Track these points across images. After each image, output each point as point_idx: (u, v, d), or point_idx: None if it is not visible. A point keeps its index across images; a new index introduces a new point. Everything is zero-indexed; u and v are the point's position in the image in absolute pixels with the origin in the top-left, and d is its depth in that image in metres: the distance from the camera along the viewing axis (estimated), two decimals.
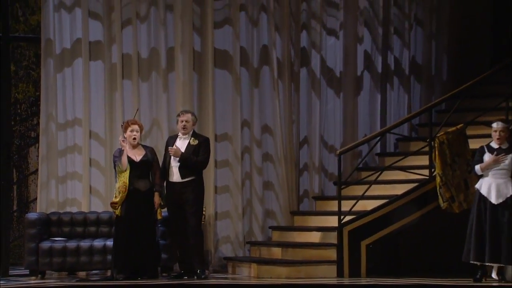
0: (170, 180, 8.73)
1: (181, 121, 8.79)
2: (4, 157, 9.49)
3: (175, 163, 8.72)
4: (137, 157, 8.63)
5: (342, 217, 8.96)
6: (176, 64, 9.66)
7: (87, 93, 9.52)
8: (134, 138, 8.62)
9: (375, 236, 8.96)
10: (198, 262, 8.73)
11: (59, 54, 9.54)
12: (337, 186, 9.25)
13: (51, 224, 9.20)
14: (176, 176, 8.70)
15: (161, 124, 9.62)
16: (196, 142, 8.77)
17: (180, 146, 8.76)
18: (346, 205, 9.00)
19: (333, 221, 9.04)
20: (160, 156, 8.89)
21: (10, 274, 9.35)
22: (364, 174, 9.60)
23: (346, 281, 8.62)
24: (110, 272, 8.77)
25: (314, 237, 9.16)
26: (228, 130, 9.76)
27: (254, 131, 9.82)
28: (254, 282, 8.59)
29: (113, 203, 8.58)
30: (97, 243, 8.94)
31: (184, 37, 9.64)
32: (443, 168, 8.76)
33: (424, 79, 10.55)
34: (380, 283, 8.33)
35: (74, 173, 9.50)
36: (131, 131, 8.63)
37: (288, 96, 9.88)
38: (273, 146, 9.84)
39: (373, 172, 9.37)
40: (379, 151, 10.15)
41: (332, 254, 8.89)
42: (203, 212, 8.92)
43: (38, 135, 9.80)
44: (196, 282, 8.48)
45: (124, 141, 8.60)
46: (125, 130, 8.68)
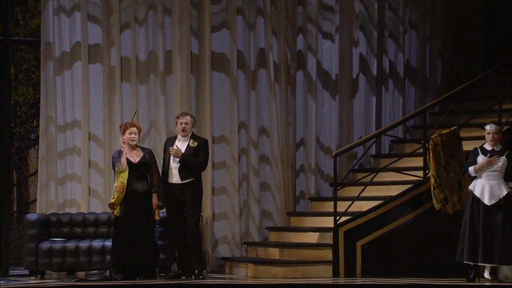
0: (169, 181, 8.72)
1: (181, 123, 8.79)
2: (4, 159, 9.48)
3: (174, 164, 8.71)
4: (135, 158, 8.63)
5: (337, 217, 8.96)
6: (174, 67, 9.66)
7: (86, 95, 9.52)
8: (133, 140, 8.62)
9: (370, 236, 8.97)
10: (196, 262, 8.72)
11: (59, 57, 9.54)
12: (333, 187, 9.26)
13: (50, 225, 9.19)
14: (175, 177, 8.70)
15: (159, 126, 9.62)
16: (196, 144, 8.77)
17: (180, 148, 8.75)
18: (341, 206, 9.00)
19: (329, 222, 9.04)
20: (158, 158, 8.88)
21: (10, 274, 9.34)
22: (359, 175, 9.61)
23: (342, 281, 8.62)
24: (108, 272, 8.77)
25: (310, 237, 9.15)
26: (225, 132, 9.76)
27: (251, 133, 9.83)
28: (251, 282, 8.59)
29: (111, 204, 8.57)
30: (96, 244, 8.93)
31: (182, 40, 9.64)
32: (437, 170, 8.77)
33: (418, 82, 10.56)
34: (375, 283, 8.34)
35: (73, 175, 9.50)
36: (130, 134, 8.63)
37: (284, 99, 9.89)
38: (270, 148, 9.84)
39: (368, 173, 9.37)
40: (374, 153, 10.15)
41: (328, 254, 8.89)
42: (201, 213, 8.92)
43: (37, 137, 9.79)
44: (193, 282, 8.48)
45: (125, 143, 8.60)
46: (123, 132, 8.68)
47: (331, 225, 8.97)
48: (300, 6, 10.02)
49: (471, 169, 8.45)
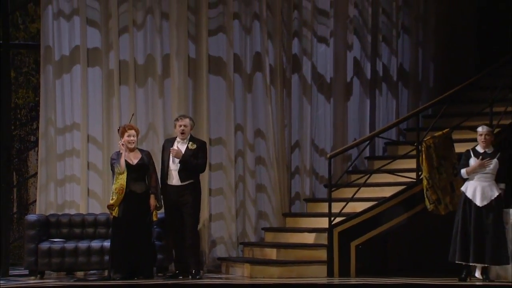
0: (169, 183, 8.72)
1: (180, 126, 8.79)
2: (4, 160, 9.48)
3: (174, 166, 8.71)
4: (134, 160, 8.63)
5: (332, 218, 8.97)
6: (171, 70, 9.66)
7: (85, 98, 9.52)
8: (131, 142, 8.61)
9: (364, 237, 8.97)
10: (193, 263, 8.72)
11: (58, 60, 9.53)
12: (327, 188, 9.27)
13: (50, 226, 9.19)
14: (175, 179, 8.70)
15: (157, 129, 9.62)
16: (195, 146, 8.77)
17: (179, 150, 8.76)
18: (336, 207, 9.01)
19: (323, 223, 9.04)
20: (156, 160, 8.88)
21: (10, 274, 9.34)
22: (353, 177, 9.62)
23: (336, 280, 8.62)
24: (107, 272, 8.75)
25: (305, 238, 9.16)
26: (222, 134, 9.76)
27: (247, 135, 9.83)
28: (247, 282, 8.59)
29: (110, 205, 8.57)
30: (95, 244, 8.92)
31: (179, 44, 9.64)
32: (429, 171, 8.78)
33: (411, 85, 10.57)
34: (369, 283, 8.34)
35: (73, 176, 9.49)
36: (128, 136, 8.63)
37: (280, 102, 9.89)
38: (266, 150, 9.85)
39: (362, 175, 9.38)
40: (368, 155, 10.16)
41: (322, 254, 8.89)
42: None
43: (37, 139, 9.78)
44: (191, 282, 8.47)
45: (123, 145, 8.60)
46: (122, 135, 8.68)
47: (326, 225, 8.98)
48: (296, 10, 10.03)
49: (463, 171, 8.46)
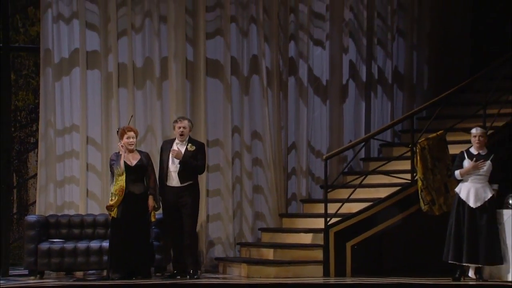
0: (168, 184, 8.71)
1: (179, 127, 8.79)
2: (4, 162, 9.47)
3: (174, 168, 8.71)
4: (133, 161, 8.63)
5: (328, 219, 8.98)
6: (169, 73, 9.66)
7: (84, 100, 9.52)
8: (131, 144, 8.62)
9: (360, 237, 8.98)
10: (191, 263, 8.72)
11: (58, 63, 9.53)
12: (323, 189, 9.27)
13: (49, 226, 9.18)
14: (175, 180, 8.70)
15: (155, 130, 9.62)
16: (194, 148, 8.77)
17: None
18: (332, 208, 9.01)
19: (319, 223, 9.05)
20: (154, 161, 8.87)
21: (10, 274, 9.33)
22: (349, 178, 9.63)
23: (332, 280, 8.63)
24: (106, 272, 8.75)
25: (301, 238, 9.16)
26: (219, 136, 9.76)
27: (244, 137, 9.83)
28: (244, 281, 8.59)
29: (109, 206, 8.56)
30: (94, 244, 8.92)
31: (177, 47, 9.64)
32: (424, 173, 8.79)
33: (406, 87, 10.58)
34: (364, 282, 8.35)
35: (72, 177, 9.49)
36: (128, 138, 8.63)
37: (277, 104, 9.90)
38: (263, 151, 9.85)
39: (358, 176, 9.39)
40: (363, 156, 10.17)
41: (318, 254, 8.90)
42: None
43: (37, 140, 9.78)
44: (188, 281, 8.48)
45: (123, 146, 8.60)
46: (121, 137, 8.67)
47: (322, 226, 8.98)
48: (292, 14, 10.04)
49: (457, 173, 8.47)
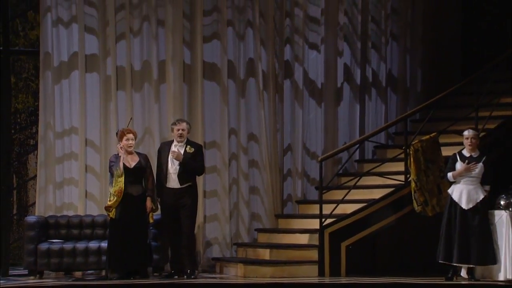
0: (167, 186, 8.71)
1: (178, 130, 8.79)
2: (4, 164, 9.47)
3: (173, 169, 8.71)
4: (132, 163, 8.63)
5: (323, 220, 8.98)
6: (167, 76, 9.66)
7: (83, 103, 9.51)
8: (130, 146, 8.62)
9: (354, 237, 8.98)
10: (188, 263, 8.72)
11: (57, 66, 9.53)
12: (318, 190, 9.28)
13: (49, 227, 9.18)
14: (174, 182, 8.70)
15: (153, 133, 9.62)
16: (193, 150, 8.78)
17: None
18: (327, 209, 9.02)
19: (315, 224, 9.06)
20: (152, 163, 8.87)
21: (10, 274, 9.32)
22: (344, 179, 9.64)
23: (327, 280, 8.64)
24: (104, 272, 8.75)
25: (297, 238, 9.17)
26: (216, 138, 9.76)
27: (241, 139, 9.84)
28: (240, 281, 8.59)
29: (108, 207, 8.56)
30: (92, 245, 8.92)
31: (175, 50, 9.65)
32: (417, 174, 8.80)
33: (399, 90, 10.60)
34: (359, 282, 8.35)
35: (71, 179, 9.48)
36: (127, 140, 8.64)
37: (272, 106, 9.91)
38: (259, 153, 9.85)
39: (352, 177, 9.40)
40: (358, 158, 10.18)
41: (314, 254, 8.90)
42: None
43: (36, 143, 9.77)
44: (186, 281, 8.48)
45: (122, 148, 8.60)
46: (120, 139, 8.68)
47: (317, 226, 8.99)
48: (288, 18, 10.05)
49: (449, 175, 8.48)
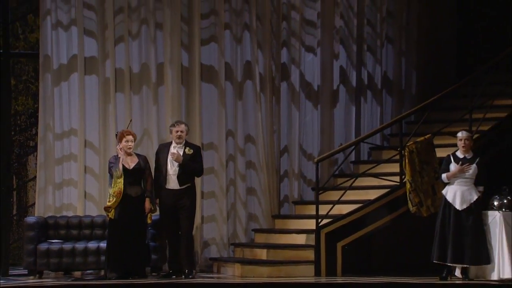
0: (167, 187, 8.71)
1: (176, 131, 8.80)
2: (4, 165, 9.47)
3: (173, 171, 8.72)
4: (131, 164, 8.64)
5: (319, 220, 9.00)
6: (165, 78, 9.67)
7: (82, 105, 9.52)
8: (129, 148, 8.63)
9: (350, 238, 9.00)
10: (186, 263, 8.72)
11: (56, 69, 9.54)
12: (315, 191, 9.29)
13: (48, 227, 9.18)
14: (174, 183, 8.70)
15: (152, 134, 9.63)
16: (192, 151, 8.78)
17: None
18: (323, 209, 9.03)
19: (311, 224, 9.07)
20: (151, 164, 8.87)
21: (10, 274, 9.32)
22: (340, 180, 9.65)
23: (323, 279, 8.65)
24: (103, 272, 8.75)
25: (293, 239, 9.18)
26: (213, 140, 9.77)
27: (238, 141, 9.85)
28: (238, 281, 8.60)
29: (107, 207, 8.56)
30: (91, 245, 8.92)
31: (173, 53, 9.65)
32: (412, 175, 8.81)
33: (395, 92, 10.62)
34: (354, 282, 8.36)
35: (70, 180, 9.48)
36: (126, 141, 8.65)
37: (269, 108, 9.92)
38: (256, 155, 9.87)
39: (348, 178, 9.42)
40: (353, 159, 10.19)
41: (310, 254, 8.91)
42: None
43: (36, 144, 9.77)
44: (184, 281, 8.49)
45: (121, 149, 8.61)
46: (120, 140, 8.68)
47: (313, 227, 9.00)
48: (284, 21, 10.06)
49: (444, 176, 8.50)
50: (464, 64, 10.71)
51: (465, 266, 8.35)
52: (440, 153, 8.87)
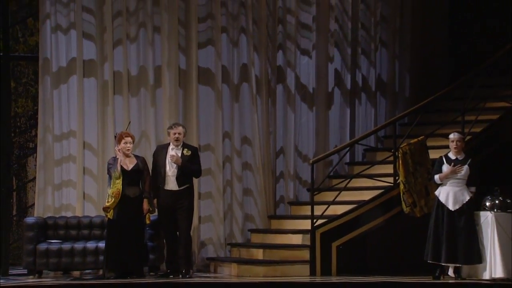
0: (165, 188, 8.71)
1: (174, 133, 8.80)
2: (4, 166, 9.46)
3: (172, 172, 8.72)
4: (129, 165, 8.64)
5: (314, 220, 9.01)
6: (163, 81, 9.68)
7: (81, 107, 9.52)
8: (128, 149, 8.63)
9: (345, 238, 9.01)
10: (184, 263, 8.72)
11: (56, 71, 9.54)
12: (310, 192, 9.30)
13: (47, 228, 9.18)
14: (173, 184, 8.70)
15: (149, 136, 9.63)
16: (190, 153, 8.79)
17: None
18: (318, 210, 9.05)
19: (306, 225, 9.08)
20: (149, 165, 8.87)
21: (9, 273, 9.31)
22: (334, 181, 9.67)
23: (318, 279, 8.65)
24: (102, 272, 8.75)
25: (289, 239, 9.19)
26: (210, 141, 9.78)
27: (235, 142, 9.85)
28: (234, 280, 8.61)
29: (106, 207, 8.56)
30: (90, 245, 8.92)
31: (170, 56, 9.66)
32: (406, 176, 8.83)
33: (388, 95, 10.64)
34: (349, 281, 8.37)
35: (69, 181, 9.48)
36: (125, 143, 8.65)
37: (265, 110, 9.93)
38: (252, 156, 9.87)
39: (343, 179, 9.43)
40: (348, 161, 10.21)
41: (305, 254, 8.92)
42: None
43: (36, 145, 9.77)
44: (181, 280, 8.49)
45: (120, 151, 8.61)
46: (118, 142, 8.69)
47: (309, 227, 9.01)
48: (280, 25, 10.08)
49: (436, 177, 8.52)
50: (457, 67, 10.73)
51: (458, 265, 8.36)
52: (433, 154, 8.89)
